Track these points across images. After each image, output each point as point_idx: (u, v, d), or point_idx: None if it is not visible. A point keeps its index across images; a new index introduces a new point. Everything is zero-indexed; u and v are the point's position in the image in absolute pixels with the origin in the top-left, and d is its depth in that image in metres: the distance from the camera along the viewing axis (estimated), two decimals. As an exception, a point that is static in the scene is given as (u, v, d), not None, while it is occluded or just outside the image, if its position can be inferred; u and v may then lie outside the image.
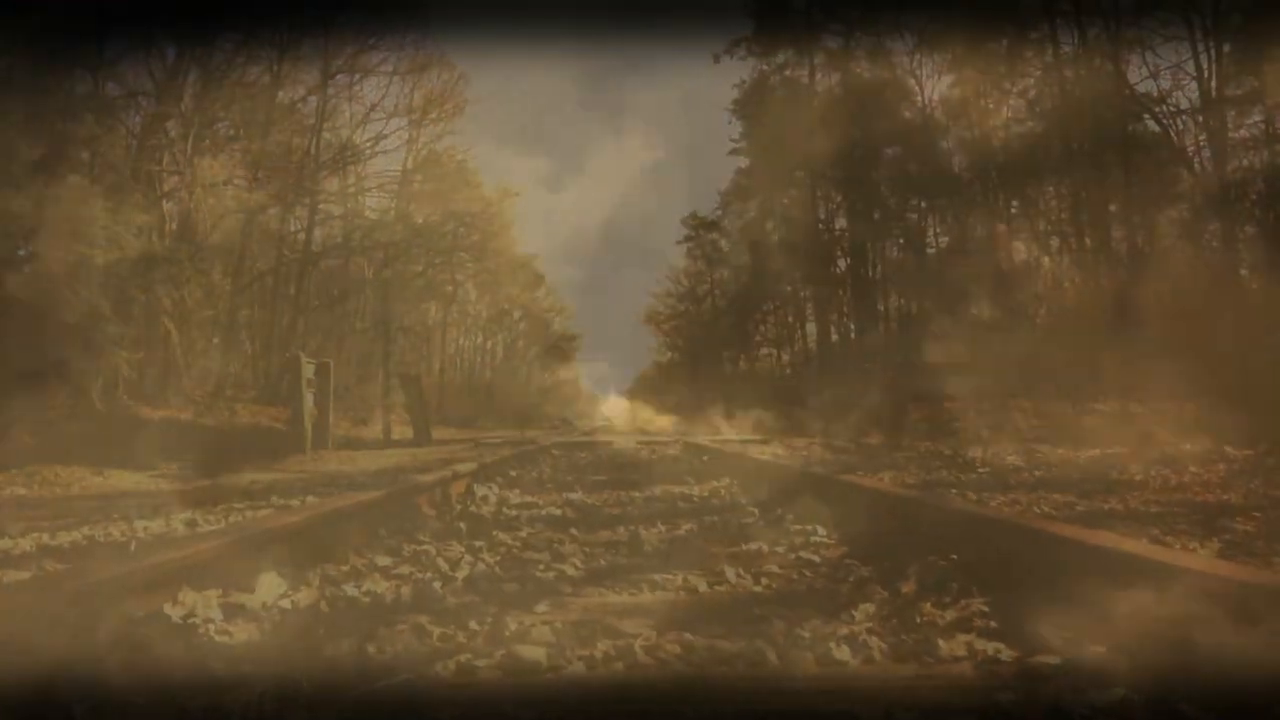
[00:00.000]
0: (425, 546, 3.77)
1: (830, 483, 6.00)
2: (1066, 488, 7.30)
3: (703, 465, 10.34)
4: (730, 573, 3.24)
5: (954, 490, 6.77)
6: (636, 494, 6.77)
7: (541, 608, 2.71)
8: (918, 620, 2.51)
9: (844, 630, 2.38)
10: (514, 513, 5.36)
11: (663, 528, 4.73)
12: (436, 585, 2.92)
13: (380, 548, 3.75)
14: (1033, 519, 3.79)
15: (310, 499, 5.86)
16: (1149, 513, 5.60)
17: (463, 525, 4.35)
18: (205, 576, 2.62)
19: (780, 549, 3.87)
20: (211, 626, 2.26)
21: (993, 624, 2.44)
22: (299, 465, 11.49)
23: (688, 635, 2.34)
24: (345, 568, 3.19)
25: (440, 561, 3.38)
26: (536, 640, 2.28)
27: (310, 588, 2.84)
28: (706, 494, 6.74)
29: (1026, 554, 2.84)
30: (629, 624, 2.48)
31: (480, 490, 6.28)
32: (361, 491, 5.48)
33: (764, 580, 3.16)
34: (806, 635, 2.33)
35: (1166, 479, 7.70)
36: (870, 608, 2.65)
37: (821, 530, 4.26)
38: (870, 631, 2.38)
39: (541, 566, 3.43)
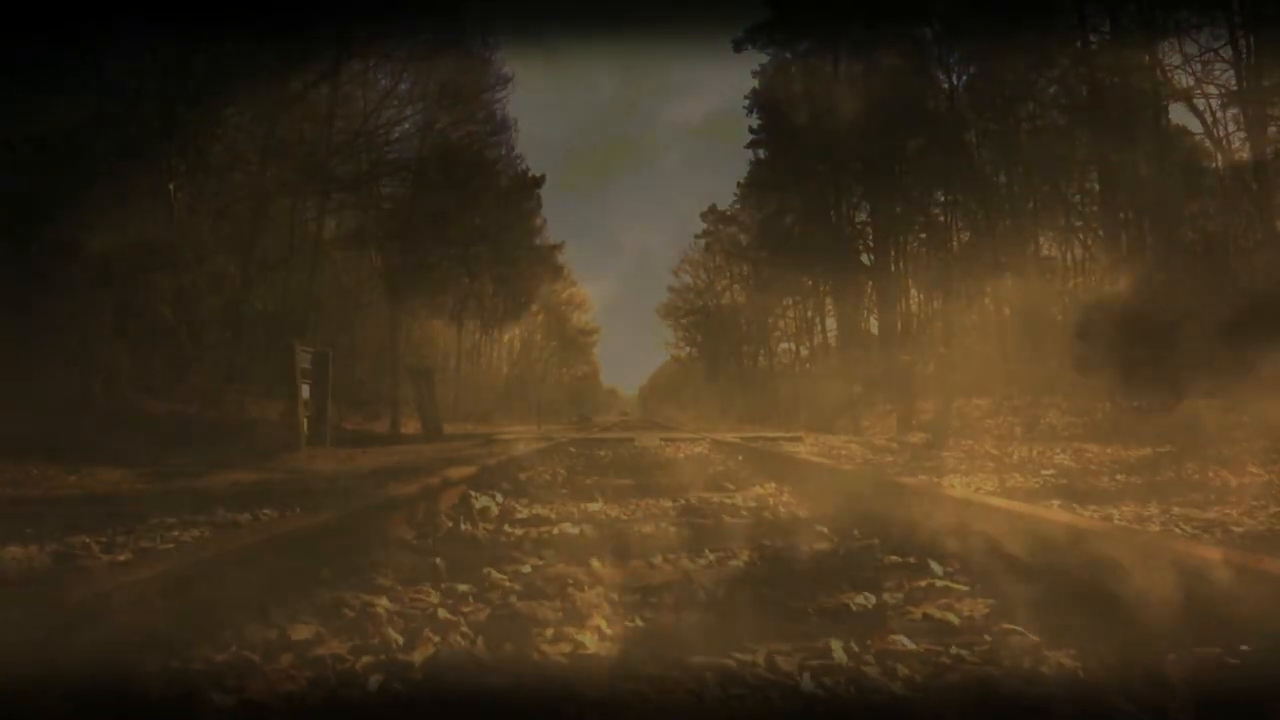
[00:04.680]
0: (379, 600, 2.58)
1: (900, 490, 4.84)
2: (1159, 495, 6.19)
3: (738, 466, 9.19)
4: (839, 650, 2.09)
5: (1056, 502, 5.58)
6: (669, 504, 5.61)
7: (544, 738, 1.54)
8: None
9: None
10: (518, 532, 4.20)
11: (713, 557, 3.56)
12: (372, 685, 1.78)
13: (309, 604, 2.56)
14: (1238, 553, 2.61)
15: (266, 512, 4.74)
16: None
17: (438, 561, 3.14)
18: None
19: (892, 598, 2.70)
20: None
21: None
22: (290, 464, 10.47)
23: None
24: (224, 657, 2.01)
25: (391, 631, 2.19)
26: None
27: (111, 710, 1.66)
28: (754, 504, 5.57)
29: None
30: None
31: (479, 501, 5.11)
32: (330, 505, 4.37)
33: (899, 668, 1.99)
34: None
35: (1226, 481, 6.94)
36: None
37: (936, 567, 3.09)
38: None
39: (550, 632, 2.26)
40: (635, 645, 2.22)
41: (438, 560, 3.10)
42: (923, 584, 2.86)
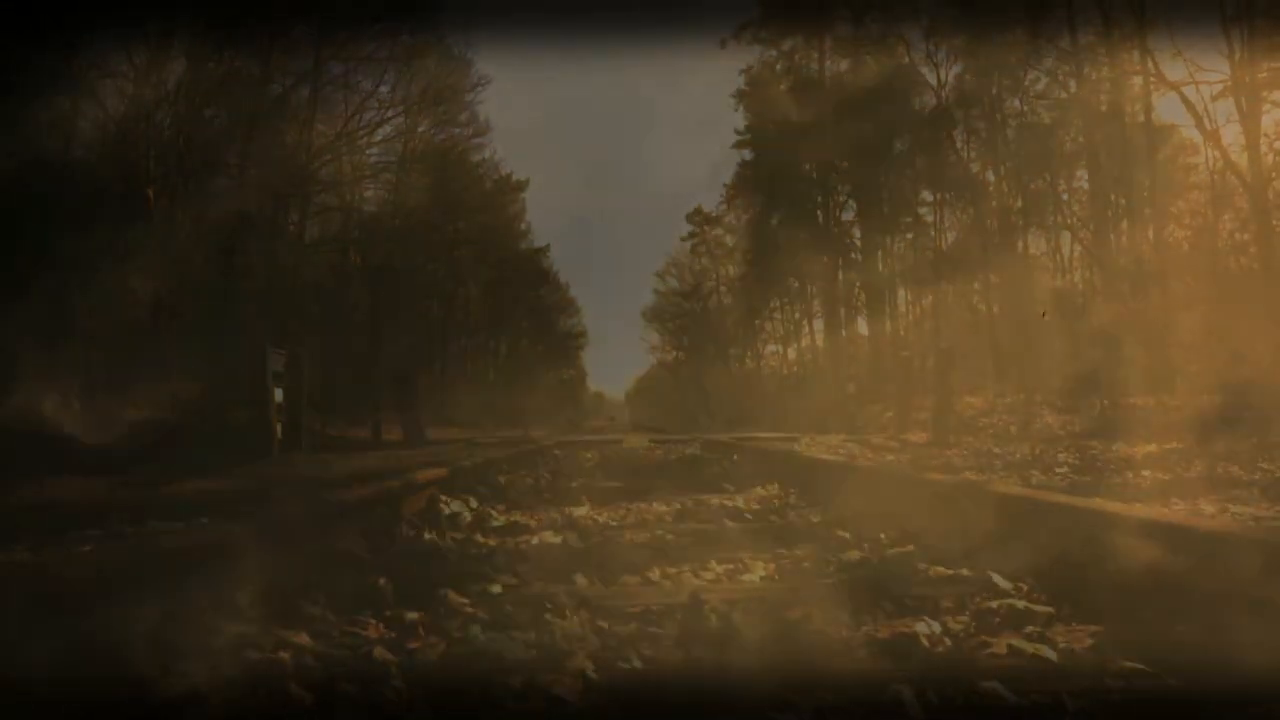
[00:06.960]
0: (297, 637, 1.96)
1: (917, 488, 4.28)
2: (1197, 490, 5.68)
3: (734, 466, 8.61)
4: (914, 703, 1.51)
5: (1097, 499, 5.03)
6: (663, 508, 5.02)
7: None
8: None
9: None
10: (491, 543, 3.61)
11: (720, 570, 2.98)
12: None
13: (202, 644, 1.90)
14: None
15: (203, 520, 4.15)
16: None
17: (383, 582, 2.52)
18: None
19: (957, 623, 2.11)
20: None
21: None
22: (261, 471, 9.88)
23: None
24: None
25: (296, 687, 1.58)
26: None
27: None
28: (758, 507, 4.98)
29: None
30: None
31: (450, 507, 4.51)
32: (275, 512, 3.78)
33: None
34: None
35: (1237, 476, 6.63)
36: None
37: (1001, 581, 2.50)
38: None
39: (519, 681, 1.66)
40: (633, 699, 1.63)
41: (383, 580, 2.49)
42: (992, 604, 2.27)
